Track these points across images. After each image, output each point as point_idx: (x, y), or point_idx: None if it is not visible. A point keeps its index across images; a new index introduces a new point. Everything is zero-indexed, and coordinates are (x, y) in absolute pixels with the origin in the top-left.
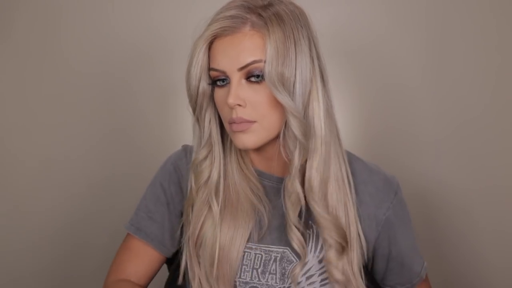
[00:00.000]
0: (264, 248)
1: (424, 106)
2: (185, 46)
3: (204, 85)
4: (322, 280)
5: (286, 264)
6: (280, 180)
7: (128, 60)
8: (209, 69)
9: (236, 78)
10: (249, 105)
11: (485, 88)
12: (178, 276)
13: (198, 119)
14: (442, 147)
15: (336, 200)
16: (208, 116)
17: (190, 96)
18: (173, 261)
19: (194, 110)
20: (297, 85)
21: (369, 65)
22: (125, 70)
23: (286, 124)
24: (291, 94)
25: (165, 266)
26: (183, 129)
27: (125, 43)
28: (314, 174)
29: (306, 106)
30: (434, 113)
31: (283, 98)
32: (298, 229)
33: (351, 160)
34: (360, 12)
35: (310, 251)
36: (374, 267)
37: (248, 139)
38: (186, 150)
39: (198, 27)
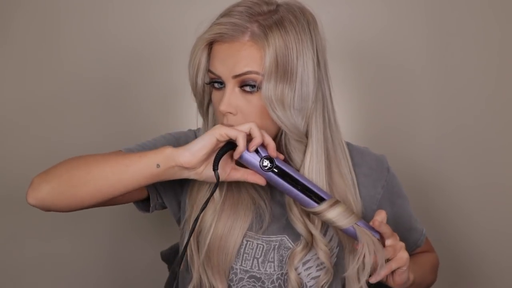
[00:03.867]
0: (265, 238)
1: (425, 104)
2: (185, 48)
3: (203, 83)
4: (318, 265)
5: (283, 251)
6: None
7: (128, 62)
8: (208, 70)
9: (230, 86)
10: (240, 113)
11: (486, 86)
12: (178, 276)
13: (202, 112)
14: (443, 145)
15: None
16: (212, 110)
17: (192, 89)
18: (173, 261)
19: (197, 103)
20: (296, 100)
21: (369, 64)
22: (125, 72)
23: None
24: (289, 108)
25: (165, 266)
26: (189, 128)
27: (124, 45)
28: (314, 177)
29: (305, 120)
30: (436, 112)
31: (277, 118)
32: (301, 220)
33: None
34: (360, 12)
35: None
36: None
37: None
38: (196, 136)
39: (202, 25)
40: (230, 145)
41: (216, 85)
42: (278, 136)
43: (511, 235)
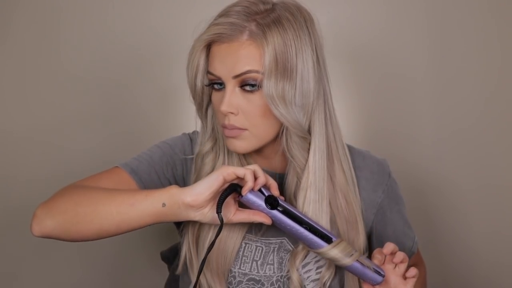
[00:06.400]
0: (264, 240)
1: (425, 106)
2: (185, 48)
3: (202, 84)
4: (317, 268)
5: (283, 254)
6: (282, 176)
7: (128, 62)
8: (207, 71)
9: (231, 86)
10: (242, 113)
11: (486, 87)
12: (178, 276)
13: (201, 114)
14: (443, 147)
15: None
16: (210, 112)
17: (191, 92)
18: (173, 261)
19: (196, 106)
20: (297, 97)
21: (369, 65)
22: (125, 72)
23: (285, 128)
24: (291, 105)
25: (165, 266)
26: (185, 131)
27: (124, 45)
28: (318, 173)
29: (307, 116)
30: (435, 113)
31: (280, 115)
32: None
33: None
34: (360, 12)
35: None
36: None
37: (239, 144)
38: (191, 139)
39: (199, 27)
40: (233, 187)
41: (216, 86)
42: (279, 135)
43: (511, 237)
